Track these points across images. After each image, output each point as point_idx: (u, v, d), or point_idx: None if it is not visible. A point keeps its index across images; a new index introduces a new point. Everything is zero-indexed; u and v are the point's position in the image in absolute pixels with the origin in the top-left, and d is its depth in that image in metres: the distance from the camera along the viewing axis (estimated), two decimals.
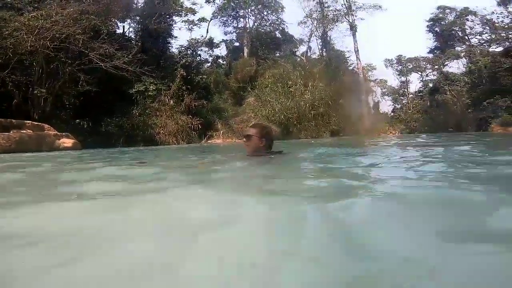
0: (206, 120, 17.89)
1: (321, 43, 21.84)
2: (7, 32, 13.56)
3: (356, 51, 18.85)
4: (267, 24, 27.22)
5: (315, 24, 20.50)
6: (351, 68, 21.02)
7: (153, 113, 17.41)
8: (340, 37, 32.78)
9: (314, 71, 15.88)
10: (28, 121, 12.70)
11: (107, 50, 16.58)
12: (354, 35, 18.73)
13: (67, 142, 13.42)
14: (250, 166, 2.49)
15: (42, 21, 14.23)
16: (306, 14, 21.69)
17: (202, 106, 18.43)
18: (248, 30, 26.20)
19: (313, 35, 20.75)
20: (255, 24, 27.54)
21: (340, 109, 14.43)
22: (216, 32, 66.43)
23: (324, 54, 21.42)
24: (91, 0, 16.51)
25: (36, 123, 12.90)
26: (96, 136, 15.19)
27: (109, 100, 16.34)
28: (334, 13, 19.11)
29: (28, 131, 12.52)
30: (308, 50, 19.82)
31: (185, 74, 19.20)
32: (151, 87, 17.93)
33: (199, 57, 22.02)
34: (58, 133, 13.41)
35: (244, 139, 2.68)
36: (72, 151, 12.27)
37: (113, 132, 15.97)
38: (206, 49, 24.28)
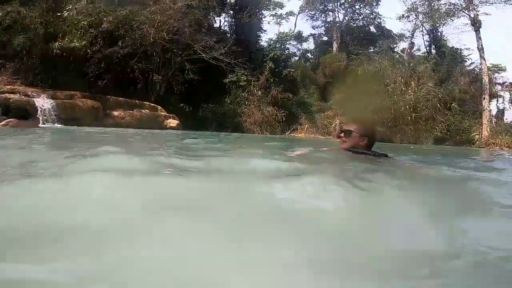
0: (290, 113, 18.30)
1: (428, 39, 19.58)
2: (135, 25, 16.00)
3: (480, 49, 15.91)
4: (360, 18, 25.85)
5: (421, 19, 18.38)
6: (470, 68, 18.15)
7: (242, 102, 18.62)
8: (455, 33, 28.45)
9: (419, 69, 14.40)
10: (147, 102, 15.06)
11: (208, 42, 18.21)
12: (477, 31, 15.86)
13: (173, 122, 15.41)
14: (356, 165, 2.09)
15: (160, 15, 16.33)
16: (408, 8, 19.71)
17: (287, 99, 18.88)
18: (337, 24, 25.35)
19: (417, 30, 18.74)
20: (346, 18, 26.42)
21: (451, 114, 12.73)
22: (304, 26, 65.45)
23: (433, 51, 19.11)
24: None
25: (153, 104, 15.20)
26: (194, 119, 17.07)
27: (207, 88, 18.09)
28: (448, 7, 16.67)
29: (147, 111, 14.85)
30: (411, 46, 18.00)
31: (273, 67, 19.86)
32: (243, 77, 19.12)
33: (287, 50, 22.44)
34: (167, 114, 15.52)
35: (342, 135, 2.35)
36: (177, 130, 14.06)
37: (207, 117, 17.70)
38: (294, 42, 24.56)
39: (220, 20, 25.18)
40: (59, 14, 13.17)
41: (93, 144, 3.27)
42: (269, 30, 56.35)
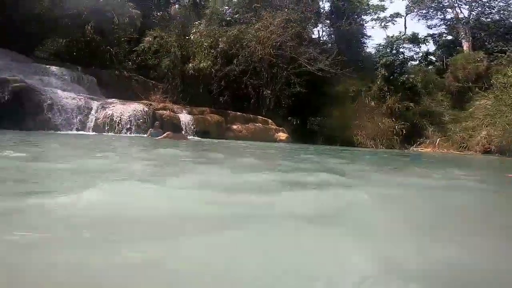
0: (412, 124, 15.79)
1: None
2: (245, 43, 16.75)
3: None
4: (493, 12, 21.23)
5: None
6: None
7: (352, 114, 17.19)
8: None
9: None
10: (259, 116, 15.34)
11: (312, 54, 17.75)
12: None
13: (282, 136, 15.23)
14: None
15: (263, 31, 16.70)
16: None
17: (407, 109, 16.47)
18: (463, 21, 21.41)
19: None
20: (472, 13, 22.16)
21: None
22: (417, 27, 58.70)
23: None
24: (291, 9, 18.06)
25: (264, 118, 15.39)
26: (302, 132, 16.54)
27: (314, 101, 17.43)
28: None
29: (259, 124, 15.10)
30: None
31: (387, 74, 17.82)
32: (351, 88, 17.78)
33: (401, 55, 20.02)
34: (277, 127, 15.48)
35: None
36: (286, 144, 13.75)
37: (315, 131, 16.92)
38: (409, 45, 21.82)
39: (318, 31, 24.69)
40: (187, 37, 14.83)
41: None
42: (375, 35, 52.77)
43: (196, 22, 16.22)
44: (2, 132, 5.78)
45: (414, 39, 21.80)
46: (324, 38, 24.80)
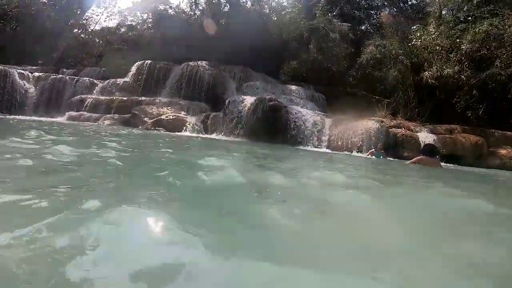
0: None
1: None
2: (504, 39, 11.62)
3: None
4: None
5: None
6: None
7: None
8: None
9: None
10: None
11: None
12: None
13: None
14: None
15: None
16: None
17: None
18: None
19: None
20: None
21: None
22: None
23: None
24: None
25: None
26: None
27: None
28: None
29: None
30: None
31: None
32: None
33: None
34: None
35: None
36: None
37: None
38: None
39: None
40: (410, 44, 12.36)
41: None
42: None
43: (414, 27, 13.22)
44: (267, 145, 6.58)
45: None
46: None
